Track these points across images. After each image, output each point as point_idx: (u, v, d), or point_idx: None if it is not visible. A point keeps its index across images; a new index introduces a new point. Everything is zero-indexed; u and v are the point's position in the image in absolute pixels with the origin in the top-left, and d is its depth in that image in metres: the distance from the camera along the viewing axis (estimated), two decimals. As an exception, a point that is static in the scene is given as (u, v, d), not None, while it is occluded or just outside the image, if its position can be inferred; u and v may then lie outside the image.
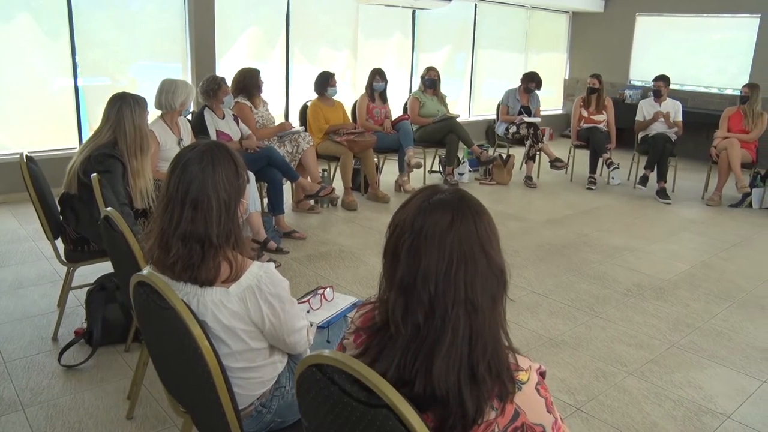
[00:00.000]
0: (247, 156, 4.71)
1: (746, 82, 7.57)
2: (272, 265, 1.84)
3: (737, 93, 7.50)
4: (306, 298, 2.47)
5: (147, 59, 6.62)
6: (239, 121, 5.06)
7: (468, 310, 1.19)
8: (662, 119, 7.16)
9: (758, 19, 8.98)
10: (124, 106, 3.28)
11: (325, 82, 5.93)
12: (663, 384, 3.13)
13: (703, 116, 8.59)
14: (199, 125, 4.74)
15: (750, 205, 6.87)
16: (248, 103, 5.32)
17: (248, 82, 5.32)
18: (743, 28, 9.24)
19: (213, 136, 4.73)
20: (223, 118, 4.91)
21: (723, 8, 9.30)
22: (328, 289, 2.54)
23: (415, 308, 1.21)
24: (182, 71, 6.64)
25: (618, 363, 3.31)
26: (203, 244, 1.73)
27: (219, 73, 6.32)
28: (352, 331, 1.41)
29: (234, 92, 5.22)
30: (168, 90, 4.20)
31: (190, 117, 4.94)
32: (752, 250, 5.43)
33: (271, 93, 6.98)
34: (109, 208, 2.38)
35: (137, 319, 1.99)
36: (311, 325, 2.09)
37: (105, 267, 3.30)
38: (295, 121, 6.38)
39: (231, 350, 1.79)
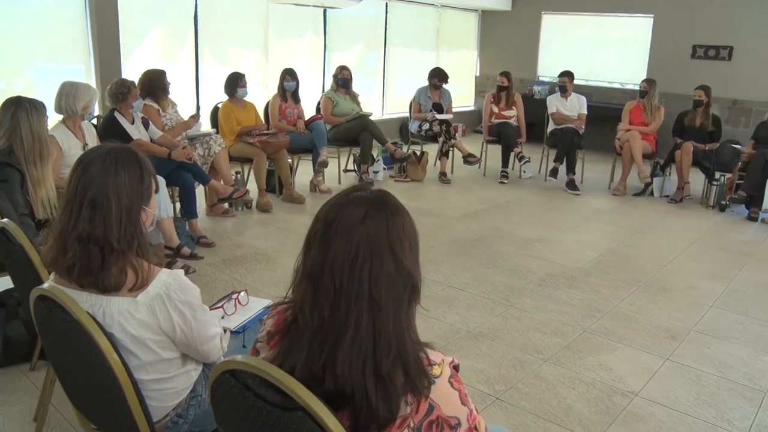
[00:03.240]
0: (152, 160, 4.56)
1: (644, 77, 7.95)
2: (182, 272, 1.79)
3: (637, 88, 7.85)
4: (220, 304, 2.42)
5: (46, 61, 6.30)
6: (149, 123, 4.91)
7: (372, 307, 1.19)
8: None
9: (652, 19, 9.45)
10: (19, 110, 3.11)
11: (234, 83, 5.83)
12: (577, 368, 3.25)
13: (607, 110, 8.95)
14: (113, 129, 4.55)
15: (651, 193, 7.22)
16: (155, 105, 5.17)
17: (154, 84, 5.16)
18: (639, 26, 9.70)
19: (135, 138, 4.58)
20: (133, 122, 4.74)
21: (621, 8, 9.74)
22: (242, 293, 2.50)
23: (321, 299, 1.22)
24: (85, 73, 6.36)
25: (534, 351, 3.41)
26: (102, 247, 1.66)
27: (125, 74, 6.11)
28: (265, 334, 1.40)
29: (140, 94, 5.05)
30: (69, 93, 4.01)
31: (95, 121, 4.75)
32: (655, 236, 5.71)
33: (181, 94, 6.79)
34: (5, 220, 2.26)
35: (40, 336, 1.90)
36: (225, 332, 2.05)
37: (4, 282, 3.12)
38: (206, 123, 6.23)
39: (141, 362, 1.73)
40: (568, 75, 7.60)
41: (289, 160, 6.24)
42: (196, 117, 5.43)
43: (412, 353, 1.22)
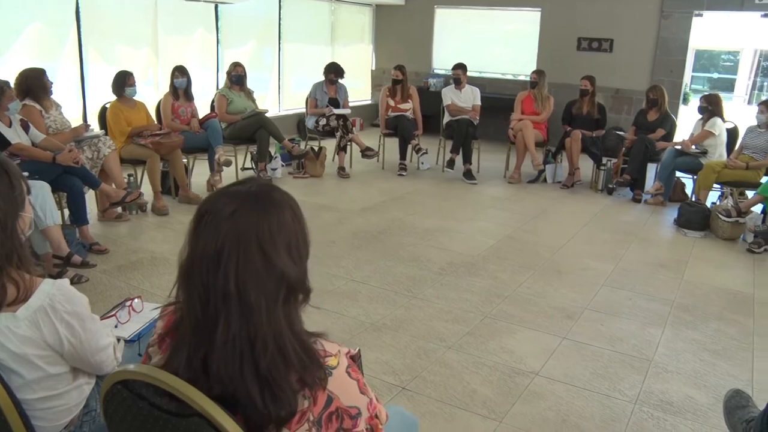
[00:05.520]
0: (35, 164, 4.32)
1: (534, 69, 8.24)
2: (66, 281, 1.70)
3: (528, 79, 8.12)
4: (112, 312, 2.32)
5: None
6: (30, 126, 4.63)
7: (242, 306, 1.17)
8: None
9: (539, 13, 9.82)
10: None
11: (122, 81, 5.58)
12: (479, 353, 3.33)
13: (500, 101, 9.21)
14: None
15: (545, 180, 7.51)
16: (37, 105, 4.88)
17: (32, 84, 4.85)
18: (528, 20, 10.04)
19: (13, 142, 4.30)
20: (10, 125, 4.45)
21: (510, 2, 10.06)
22: (136, 300, 2.41)
23: (194, 296, 1.20)
24: (-46, 74, 5.94)
25: (437, 339, 3.47)
26: None
27: None
28: (156, 337, 1.35)
29: (18, 96, 4.76)
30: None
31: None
32: (549, 221, 5.94)
33: (65, 95, 6.46)
34: None
35: None
36: (119, 341, 1.97)
37: None
38: (94, 124, 5.96)
39: (25, 380, 1.63)
40: (461, 67, 7.76)
41: (184, 161, 6.05)
42: (86, 126, 5.20)
43: (296, 347, 1.20)
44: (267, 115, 6.96)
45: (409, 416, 1.78)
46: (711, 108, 6.47)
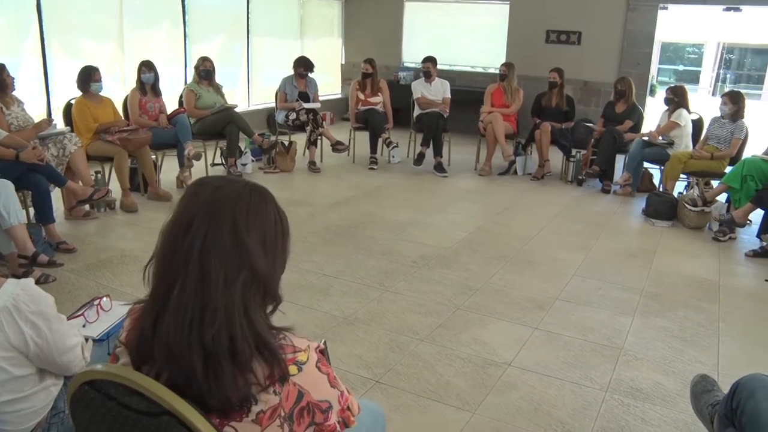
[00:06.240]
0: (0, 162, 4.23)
1: (503, 61, 8.28)
2: (31, 280, 1.67)
3: (498, 71, 8.15)
4: (80, 312, 2.29)
5: None
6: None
7: (201, 273, 1.18)
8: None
9: (508, 6, 9.87)
10: None
11: (87, 77, 5.49)
12: (452, 345, 3.34)
13: (470, 93, 9.24)
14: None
15: (515, 172, 7.56)
16: (-3, 102, 4.78)
17: (-9, 80, 4.76)
18: (497, 13, 10.10)
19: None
20: (-31, 122, 4.36)
21: (479, -5, 10.12)
22: (104, 298, 2.38)
23: (158, 261, 1.23)
24: None
25: (410, 332, 3.47)
26: None
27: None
28: (124, 337, 1.33)
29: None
30: None
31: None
32: (519, 213, 5.99)
33: (28, 91, 6.32)
34: None
35: None
36: (87, 341, 1.94)
37: None
38: (59, 120, 5.84)
39: (-10, 382, 1.60)
40: (431, 60, 7.77)
41: (153, 157, 5.97)
42: (48, 120, 5.10)
43: (248, 335, 1.19)
44: (236, 110, 6.90)
45: (374, 407, 1.79)
46: (677, 99, 6.57)
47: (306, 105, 7.36)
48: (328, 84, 10.99)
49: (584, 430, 2.67)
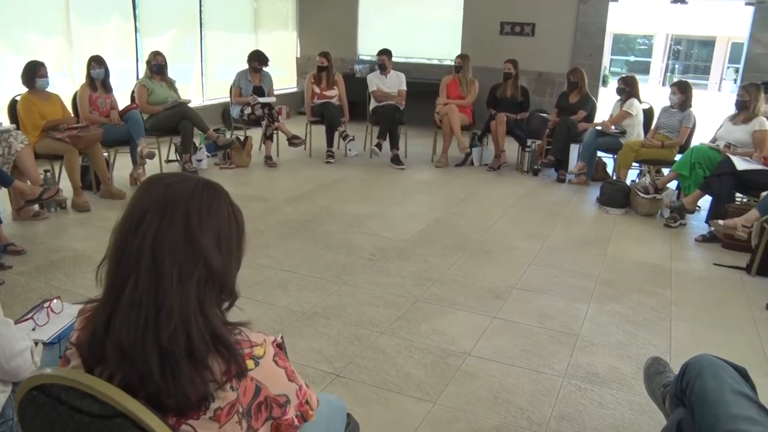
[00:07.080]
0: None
1: (459, 53, 8.32)
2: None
3: (453, 63, 8.18)
4: (29, 315, 2.21)
5: None
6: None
7: (154, 271, 1.15)
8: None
9: (462, -3, 9.93)
10: None
11: (32, 72, 5.31)
12: (412, 336, 3.35)
13: (426, 85, 9.26)
14: None
15: (472, 163, 7.62)
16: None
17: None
18: (451, 5, 10.14)
19: None
20: None
21: (433, -13, 10.14)
22: (55, 300, 2.31)
23: (110, 258, 1.20)
24: None
25: (370, 325, 3.47)
26: None
27: None
28: (75, 338, 1.29)
29: None
30: None
31: None
32: (477, 203, 6.03)
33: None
34: None
35: None
36: (36, 345, 1.89)
37: None
38: (3, 117, 5.67)
39: (-68, 389, 1.54)
40: (386, 53, 7.76)
41: (105, 154, 5.83)
42: None
43: (204, 332, 1.17)
44: (190, 105, 6.78)
45: (334, 401, 1.78)
46: (628, 89, 6.69)
47: (261, 99, 7.28)
48: (284, 78, 10.91)
49: (543, 416, 2.70)
